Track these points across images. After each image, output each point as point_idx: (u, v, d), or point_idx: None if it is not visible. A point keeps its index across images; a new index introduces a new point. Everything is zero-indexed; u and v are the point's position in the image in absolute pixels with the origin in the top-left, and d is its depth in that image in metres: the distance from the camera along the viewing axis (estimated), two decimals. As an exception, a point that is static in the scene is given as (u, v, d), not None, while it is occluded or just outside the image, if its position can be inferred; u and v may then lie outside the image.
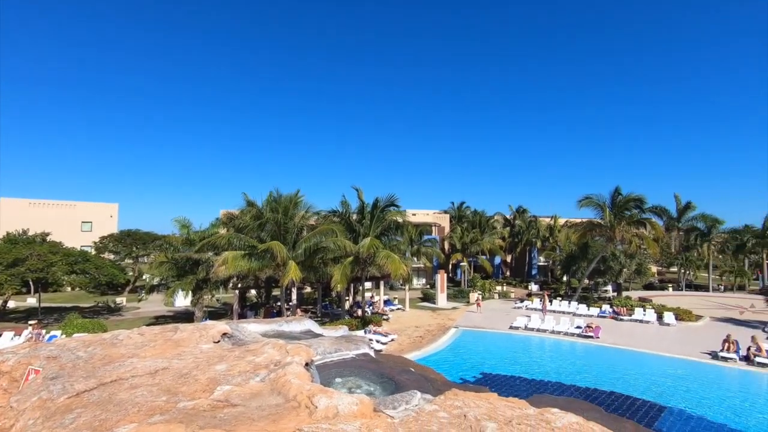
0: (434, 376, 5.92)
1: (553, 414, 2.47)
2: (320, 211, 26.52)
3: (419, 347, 21.09)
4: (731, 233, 47.15)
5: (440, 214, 53.16)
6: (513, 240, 51.58)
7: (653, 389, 16.16)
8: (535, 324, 25.51)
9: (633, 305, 29.97)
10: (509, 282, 48.44)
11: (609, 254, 33.66)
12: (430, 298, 36.34)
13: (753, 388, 16.82)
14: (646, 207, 32.00)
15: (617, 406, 14.55)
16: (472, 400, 2.67)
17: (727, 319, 28.63)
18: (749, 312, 30.91)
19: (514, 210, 54.09)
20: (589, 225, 34.53)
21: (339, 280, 22.11)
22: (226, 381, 3.12)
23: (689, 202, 45.74)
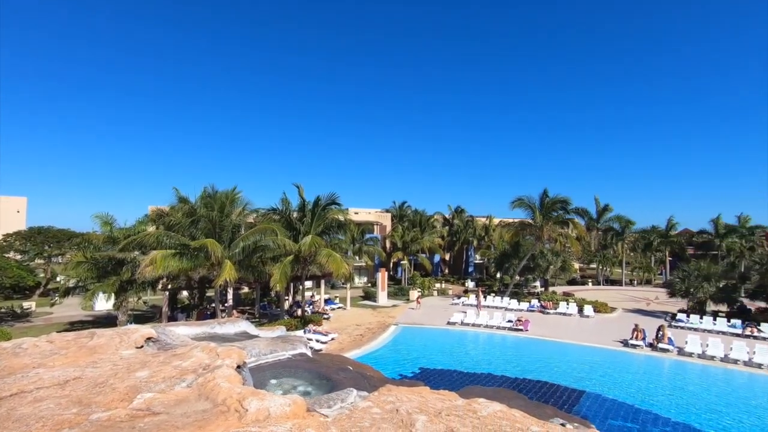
0: (372, 373, 5.98)
1: (479, 404, 2.60)
2: (259, 208, 25.69)
3: (360, 345, 21.18)
4: (641, 233, 52.46)
5: (382, 213, 53.72)
6: (451, 239, 53.41)
7: (574, 376, 17.57)
8: (470, 319, 26.64)
9: (558, 299, 32.32)
10: (447, 279, 50.12)
11: (538, 252, 35.98)
12: (371, 296, 36.60)
13: (656, 371, 18.86)
14: (570, 208, 34.64)
15: (543, 393, 15.63)
16: (405, 395, 2.74)
17: (637, 310, 31.85)
18: (654, 303, 34.61)
19: (453, 210, 56.05)
20: (521, 225, 36.72)
21: (278, 280, 21.55)
22: (148, 388, 2.92)
23: (607, 204, 50.34)
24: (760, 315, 26.77)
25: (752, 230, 46.06)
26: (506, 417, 2.40)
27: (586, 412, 14.02)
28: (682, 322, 26.13)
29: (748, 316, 26.39)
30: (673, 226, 51.39)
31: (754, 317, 26.16)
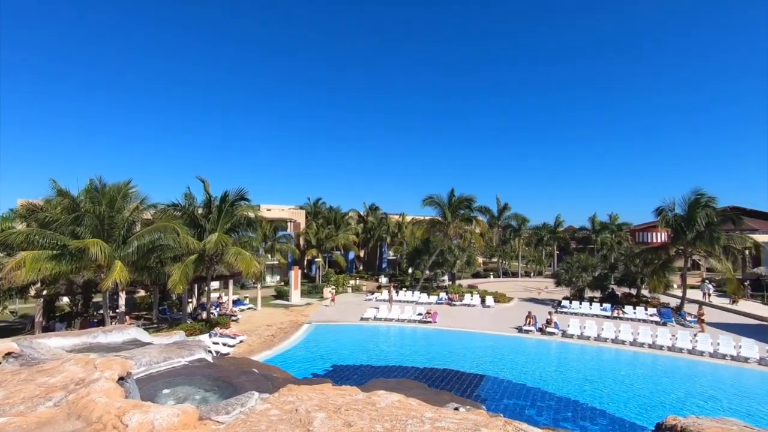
0: (279, 374, 5.83)
1: (379, 396, 2.68)
2: (157, 204, 23.45)
3: (271, 346, 20.52)
4: (534, 230, 58.34)
5: (296, 210, 52.53)
6: (366, 236, 54.14)
7: (476, 361, 18.95)
8: (383, 314, 27.30)
9: (463, 292, 34.58)
10: (362, 276, 50.74)
11: (446, 248, 38.08)
12: (283, 295, 35.63)
13: (545, 352, 21.11)
14: (474, 207, 37.23)
15: (449, 379, 16.62)
16: (306, 393, 2.72)
17: (530, 299, 35.35)
18: (544, 292, 38.71)
19: (368, 207, 56.83)
20: (431, 222, 38.59)
21: (178, 281, 19.92)
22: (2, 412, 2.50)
23: (507, 203, 55.16)
24: (625, 299, 31.43)
25: (620, 227, 53.94)
26: (403, 406, 2.50)
27: (485, 394, 15.23)
28: (565, 308, 29.59)
29: (616, 300, 30.79)
30: (560, 223, 58.00)
31: (620, 301, 30.62)
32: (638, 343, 20.93)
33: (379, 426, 2.11)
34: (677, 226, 27.72)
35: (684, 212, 27.68)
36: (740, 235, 29.52)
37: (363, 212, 56.99)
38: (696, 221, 26.53)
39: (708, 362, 18.69)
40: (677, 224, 27.69)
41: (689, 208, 27.27)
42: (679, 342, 20.29)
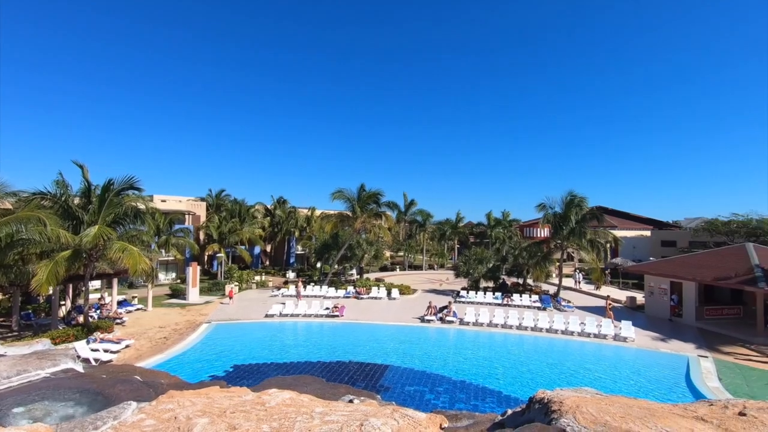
0: (167, 380, 5.37)
1: (269, 395, 2.62)
2: (19, 191, 19.94)
3: (163, 350, 18.84)
4: (438, 225, 61.70)
5: (196, 202, 48.70)
6: (273, 230, 52.28)
7: (381, 353, 19.51)
8: (289, 310, 26.70)
9: (371, 285, 35.32)
10: (268, 271, 48.93)
11: (355, 242, 38.46)
12: (180, 293, 32.88)
13: (444, 340, 22.50)
14: (382, 201, 38.12)
15: (353, 372, 16.87)
16: (189, 399, 2.54)
17: (432, 290, 37.39)
18: (446, 283, 41.24)
19: (276, 200, 54.91)
20: (340, 216, 38.63)
21: (44, 281, 17.19)
22: None
23: (413, 199, 57.50)
24: (514, 288, 34.88)
25: (511, 223, 59.61)
26: (294, 404, 2.48)
27: (388, 383, 15.78)
28: (463, 297, 31.87)
29: (506, 289, 34.01)
30: (461, 219, 62.18)
31: (509, 290, 33.89)
32: (523, 326, 23.40)
33: (266, 426, 2.06)
34: (556, 222, 31.47)
35: (561, 210, 31.51)
36: (603, 231, 34.55)
37: (270, 205, 54.94)
38: (570, 219, 30.41)
39: (577, 340, 21.62)
40: (556, 221, 31.45)
41: (565, 207, 31.14)
42: (555, 324, 23.11)
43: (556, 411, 3.68)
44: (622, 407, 3.77)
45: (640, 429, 3.35)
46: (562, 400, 3.89)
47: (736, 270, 22.45)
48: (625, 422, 3.47)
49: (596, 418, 3.49)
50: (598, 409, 3.67)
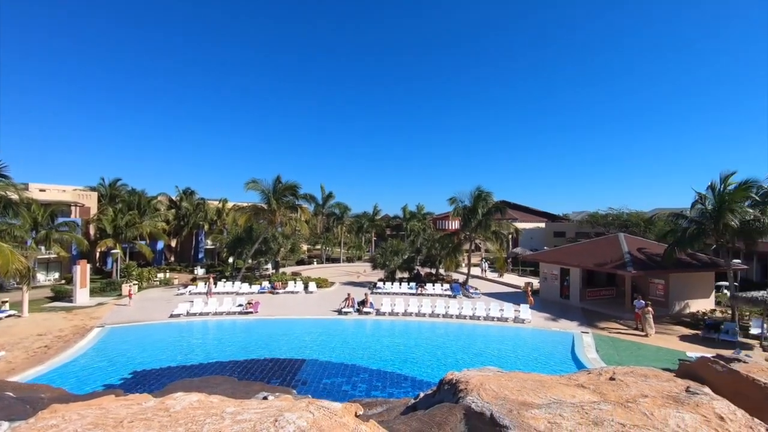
0: (49, 393, 4.72)
1: (174, 399, 2.45)
2: None
3: (43, 360, 16.53)
4: (355, 218, 62.21)
5: (84, 192, 43.08)
6: (179, 223, 48.33)
7: (298, 347, 19.23)
8: (198, 308, 25.03)
9: (287, 279, 34.48)
10: (174, 268, 45.22)
11: (270, 236, 37.19)
12: (65, 295, 28.98)
13: (361, 331, 22.81)
14: (299, 194, 37.30)
15: (268, 369, 16.40)
16: (77, 412, 2.27)
17: (350, 282, 37.65)
18: (363, 275, 41.79)
19: (182, 191, 50.72)
20: (255, 209, 37.02)
21: None
22: None
23: (331, 192, 57.19)
24: (427, 278, 36.55)
25: (425, 216, 62.20)
26: (202, 406, 2.35)
27: (306, 377, 15.63)
28: (380, 288, 32.61)
29: (420, 279, 35.51)
30: (378, 212, 63.35)
31: (423, 280, 35.44)
32: (435, 314, 24.68)
33: (171, 432, 1.93)
34: (465, 215, 33.56)
35: (470, 204, 33.66)
36: (506, 223, 37.69)
37: (176, 197, 50.66)
38: (478, 212, 32.65)
39: (483, 324, 23.38)
40: (465, 214, 33.52)
41: (474, 201, 33.33)
42: (464, 310, 24.75)
43: (463, 390, 3.97)
44: (518, 382, 4.19)
45: (533, 399, 3.76)
46: (468, 379, 4.20)
47: (611, 256, 26.02)
48: (521, 395, 3.86)
49: (497, 393, 3.84)
50: (499, 385, 4.04)
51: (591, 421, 3.26)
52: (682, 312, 24.81)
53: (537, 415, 3.29)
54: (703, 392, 3.90)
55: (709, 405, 3.63)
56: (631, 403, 3.65)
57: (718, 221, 21.06)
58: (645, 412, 3.50)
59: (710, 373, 4.33)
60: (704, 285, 26.04)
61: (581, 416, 3.31)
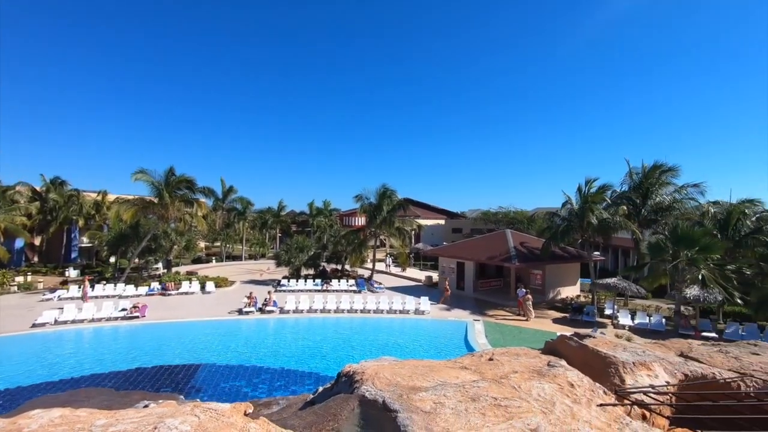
0: None
1: (30, 418, 2.16)
2: None
3: None
4: (259, 213, 59.58)
5: None
6: (45, 218, 41.47)
7: (192, 352, 17.90)
8: (70, 315, 21.87)
9: (181, 279, 31.81)
10: (38, 270, 38.75)
11: (161, 232, 33.94)
12: None
13: (263, 330, 22.06)
14: (196, 188, 34.59)
15: (157, 378, 15.02)
16: None
17: (252, 281, 36.07)
18: (267, 273, 40.33)
19: (48, 181, 43.55)
20: (143, 202, 33.38)
21: None
22: None
23: (231, 186, 54.02)
24: (333, 274, 36.60)
25: (331, 212, 62.07)
26: (66, 422, 2.11)
27: (200, 383, 14.64)
28: (284, 286, 31.81)
29: (326, 276, 35.43)
30: (283, 207, 61.42)
31: (329, 276, 35.43)
32: (340, 309, 24.87)
33: (24, 454, 1.70)
34: (371, 212, 34.29)
35: (376, 201, 34.48)
36: (409, 220, 39.37)
37: (41, 187, 43.37)
38: (383, 209, 33.60)
39: (386, 317, 24.18)
40: (371, 211, 34.26)
41: (379, 198, 34.22)
42: (369, 305, 25.34)
43: (358, 380, 4.13)
44: (410, 368, 4.49)
45: (422, 383, 4.06)
46: (364, 370, 4.37)
47: (499, 250, 28.76)
48: (412, 380, 4.14)
49: (390, 380, 4.07)
50: (393, 372, 4.28)
51: (470, 397, 3.63)
52: (555, 298, 28.45)
53: (424, 398, 3.57)
54: (560, 365, 4.58)
55: (563, 375, 4.28)
56: (504, 379, 4.14)
57: (583, 219, 24.53)
58: (514, 385, 4.00)
59: (567, 348, 5.09)
60: (572, 274, 30.19)
61: (462, 394, 3.67)
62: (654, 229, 27.00)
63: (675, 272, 19.91)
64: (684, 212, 27.04)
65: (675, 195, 27.21)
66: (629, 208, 27.19)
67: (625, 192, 28.31)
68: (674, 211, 26.79)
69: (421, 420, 3.18)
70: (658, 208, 27.11)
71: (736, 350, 5.75)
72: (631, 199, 27.65)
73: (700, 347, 6.12)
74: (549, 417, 3.37)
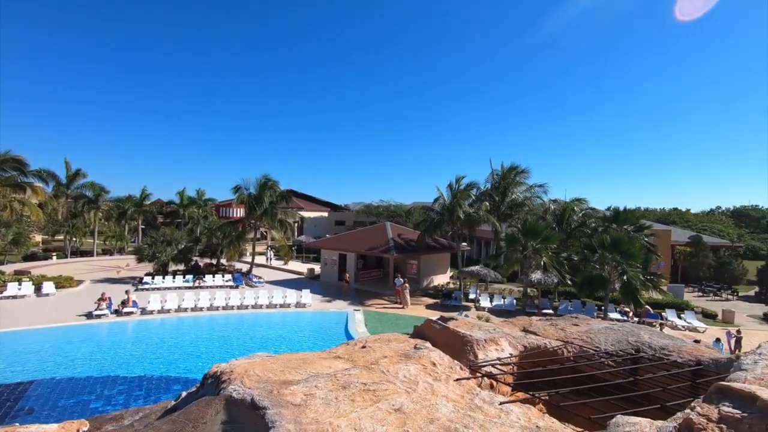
0: None
1: None
2: None
3: None
4: (116, 202, 51.93)
5: None
6: None
7: (22, 367, 14.89)
8: None
9: (6, 280, 26.08)
10: None
11: (-25, 223, 27.33)
12: None
13: (120, 335, 19.42)
14: (28, 170, 28.64)
15: (-32, 404, 12.15)
16: None
17: (107, 279, 31.39)
18: (125, 270, 35.49)
19: None
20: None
21: None
22: None
23: (79, 169, 45.94)
24: (207, 269, 33.89)
25: (206, 202, 57.34)
26: None
27: (32, 404, 12.28)
28: (148, 284, 28.41)
29: (198, 271, 32.63)
30: (147, 196, 54.45)
31: (202, 271, 32.71)
32: (215, 307, 23.22)
33: None
34: (250, 203, 32.58)
35: (256, 192, 32.87)
36: (292, 212, 38.51)
37: None
38: (264, 200, 32.21)
39: (266, 312, 23.35)
40: (250, 201, 32.55)
41: (260, 189, 32.69)
42: (247, 300, 24.13)
43: (226, 380, 3.92)
44: (283, 363, 4.41)
45: (293, 377, 4.03)
46: (232, 369, 4.16)
47: (380, 242, 29.97)
48: (284, 374, 4.08)
49: (261, 377, 3.94)
50: (264, 369, 4.16)
51: (341, 385, 3.73)
52: (429, 286, 30.81)
53: (295, 391, 3.55)
54: (425, 347, 4.98)
55: (427, 356, 4.67)
56: (374, 365, 4.35)
57: (453, 213, 26.94)
58: (383, 370, 4.23)
59: (432, 331, 5.56)
60: (443, 263, 33.03)
61: (333, 383, 3.74)
62: (510, 222, 31.02)
63: (524, 260, 23.21)
64: (532, 208, 31.62)
65: (526, 193, 31.65)
66: (491, 204, 30.71)
67: (488, 189, 31.89)
68: (525, 207, 31.16)
69: (290, 414, 3.16)
70: (513, 204, 31.23)
71: (562, 323, 6.94)
72: (492, 196, 31.29)
73: (538, 322, 7.23)
74: (412, 396, 3.65)
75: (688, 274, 36.54)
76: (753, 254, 47.00)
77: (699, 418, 1.90)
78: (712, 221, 65.15)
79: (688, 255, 37.00)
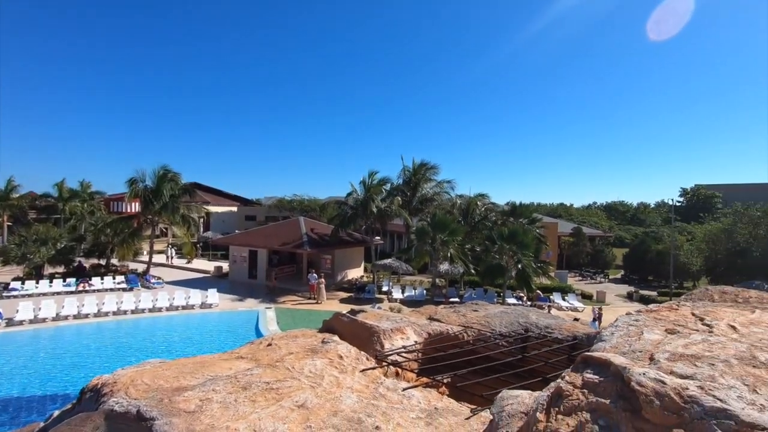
0: None
1: None
2: None
3: None
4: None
5: None
6: None
7: None
8: None
9: None
10: None
11: None
12: None
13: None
14: None
15: None
16: None
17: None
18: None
19: None
20: None
21: None
22: None
23: None
24: (94, 270, 30.08)
25: (92, 195, 50.66)
26: None
27: None
28: (17, 290, 24.35)
29: (83, 273, 28.81)
30: (15, 188, 46.49)
31: (88, 273, 28.95)
32: (103, 312, 20.73)
33: None
34: (147, 197, 29.55)
35: (154, 185, 29.91)
36: (196, 206, 35.79)
37: None
38: (163, 193, 29.44)
39: (165, 315, 21.48)
40: (147, 195, 29.52)
41: (158, 181, 29.80)
42: (142, 303, 21.93)
43: (107, 393, 3.53)
44: (177, 368, 4.08)
45: (188, 382, 3.74)
46: (116, 380, 3.76)
47: (293, 237, 29.26)
48: (177, 380, 3.78)
49: (150, 386, 3.60)
50: (154, 376, 3.81)
51: (241, 387, 3.56)
52: (343, 280, 30.89)
53: (189, 397, 3.31)
54: (333, 341, 4.97)
55: (334, 349, 4.67)
56: (279, 362, 4.23)
57: (366, 208, 27.28)
58: (288, 366, 4.13)
59: (340, 324, 5.57)
60: (357, 257, 33.33)
61: (232, 385, 3.56)
62: (420, 216, 32.31)
63: (433, 252, 24.39)
64: (441, 203, 33.31)
65: (435, 189, 33.23)
66: (403, 199, 31.68)
67: (399, 185, 32.83)
68: (434, 202, 32.71)
69: (182, 422, 2.94)
70: (424, 199, 32.58)
71: (464, 309, 7.42)
72: (404, 191, 32.30)
73: (443, 310, 7.64)
74: (317, 390, 3.62)
75: (570, 261, 41.50)
76: (620, 243, 54.82)
77: (567, 386, 2.14)
78: (590, 215, 74.68)
79: (571, 244, 42.01)
